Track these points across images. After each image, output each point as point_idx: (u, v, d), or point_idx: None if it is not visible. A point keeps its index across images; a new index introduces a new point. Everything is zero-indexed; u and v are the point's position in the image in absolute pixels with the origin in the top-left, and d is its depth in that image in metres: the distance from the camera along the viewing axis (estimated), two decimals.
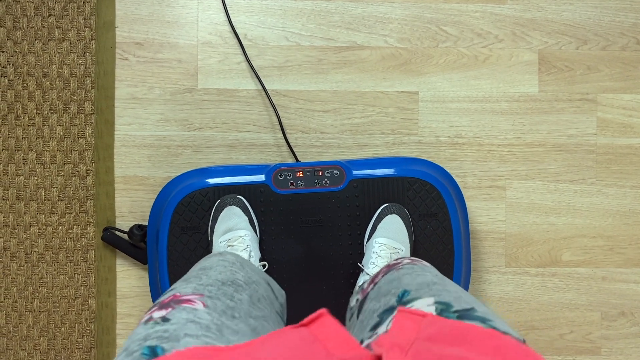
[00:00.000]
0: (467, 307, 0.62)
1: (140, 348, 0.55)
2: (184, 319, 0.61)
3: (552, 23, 1.36)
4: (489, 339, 0.52)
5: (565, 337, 1.37)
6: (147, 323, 0.61)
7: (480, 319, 0.59)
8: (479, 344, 0.50)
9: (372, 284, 0.87)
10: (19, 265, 1.29)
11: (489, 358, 0.48)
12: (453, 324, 0.56)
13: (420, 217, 1.19)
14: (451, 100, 1.34)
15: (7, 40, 1.28)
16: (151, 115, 1.30)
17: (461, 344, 0.50)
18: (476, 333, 0.53)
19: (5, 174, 1.28)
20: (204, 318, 0.62)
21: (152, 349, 0.55)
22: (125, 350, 0.56)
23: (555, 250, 1.36)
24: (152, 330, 0.59)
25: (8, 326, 1.29)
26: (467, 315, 0.60)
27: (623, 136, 1.37)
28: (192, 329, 0.59)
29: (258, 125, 1.32)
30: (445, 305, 0.63)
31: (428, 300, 0.65)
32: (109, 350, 1.30)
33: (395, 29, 1.34)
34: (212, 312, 0.65)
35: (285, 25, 1.32)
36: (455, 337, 0.51)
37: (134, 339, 0.58)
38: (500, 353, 0.49)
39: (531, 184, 1.36)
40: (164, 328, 0.59)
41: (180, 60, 1.31)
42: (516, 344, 0.52)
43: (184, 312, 0.63)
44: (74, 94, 1.28)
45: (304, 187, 1.19)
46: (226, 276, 0.79)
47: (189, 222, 1.17)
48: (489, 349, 0.50)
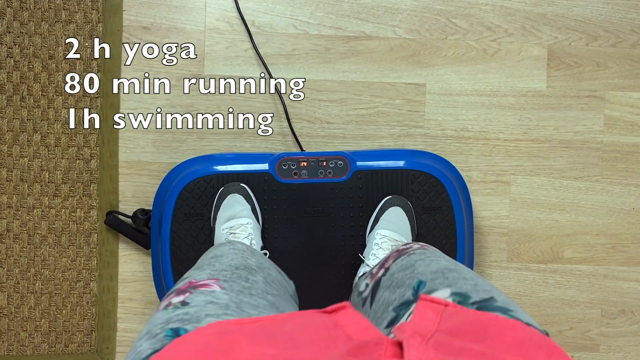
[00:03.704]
0: (485, 297, 0.61)
1: (162, 331, 0.56)
2: (203, 301, 0.61)
3: (562, 18, 1.35)
4: (511, 332, 0.51)
5: (565, 333, 1.37)
6: (166, 308, 0.62)
7: (501, 309, 0.58)
8: (501, 339, 0.50)
9: (382, 269, 0.86)
10: (22, 247, 1.29)
11: (510, 354, 0.48)
12: (475, 316, 0.55)
13: (424, 210, 1.19)
14: (458, 93, 1.33)
15: (13, 21, 1.27)
16: (157, 101, 1.30)
17: (482, 339, 0.50)
18: (498, 326, 0.52)
19: (9, 155, 1.28)
20: (222, 298, 0.63)
21: (175, 331, 0.55)
22: (147, 333, 0.57)
23: (558, 247, 1.36)
24: (173, 314, 0.59)
25: (10, 307, 1.29)
26: (487, 306, 0.59)
27: (630, 134, 1.36)
28: (212, 309, 0.59)
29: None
30: (462, 297, 0.62)
31: (444, 292, 0.64)
32: (109, 333, 1.31)
33: (405, 20, 1.32)
34: (229, 292, 0.65)
35: (294, 13, 1.31)
36: (477, 331, 0.51)
37: (155, 323, 0.58)
38: (523, 349, 0.49)
39: (536, 179, 1.35)
40: (184, 311, 0.59)
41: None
42: (540, 338, 0.51)
43: (202, 295, 0.64)
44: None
45: (308, 177, 1.19)
46: (238, 262, 0.80)
47: (192, 208, 1.17)
48: (511, 345, 0.49)
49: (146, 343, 0.54)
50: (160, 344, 0.53)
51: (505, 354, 0.48)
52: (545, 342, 0.50)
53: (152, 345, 0.53)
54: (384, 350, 0.44)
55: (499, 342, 0.50)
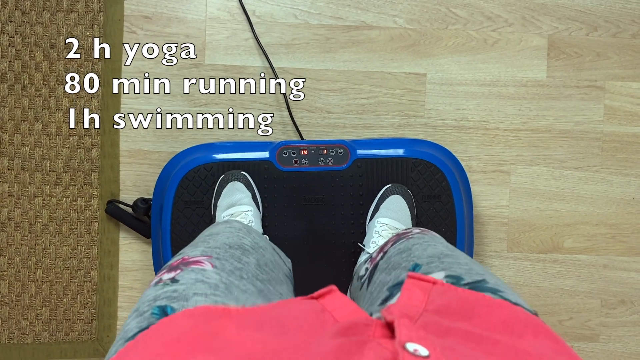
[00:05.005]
0: (477, 279, 0.62)
1: (150, 308, 0.56)
2: (193, 279, 0.62)
3: (562, 8, 1.35)
4: (498, 310, 0.51)
5: (565, 323, 1.37)
6: (156, 285, 0.62)
7: (491, 290, 0.59)
8: (487, 318, 0.50)
9: (381, 252, 0.86)
10: (23, 235, 1.29)
11: (497, 332, 0.48)
12: (462, 295, 0.55)
13: (424, 198, 1.19)
14: (459, 83, 1.34)
15: (15, 10, 1.27)
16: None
17: (469, 318, 0.50)
18: (485, 305, 0.52)
19: (10, 144, 1.28)
20: (212, 278, 0.63)
21: (162, 309, 0.55)
22: (135, 311, 0.57)
23: (558, 237, 1.36)
24: (162, 291, 0.59)
25: (11, 295, 1.30)
26: (477, 287, 0.60)
27: (630, 124, 1.36)
28: (201, 288, 0.60)
29: (264, 103, 1.31)
30: (455, 279, 0.62)
31: (438, 275, 0.65)
32: (110, 322, 1.31)
33: (405, 10, 1.33)
34: (220, 272, 0.65)
35: (295, 3, 1.31)
36: (464, 310, 0.51)
37: (143, 300, 0.59)
38: (508, 327, 0.49)
39: (536, 169, 1.35)
40: (173, 288, 0.59)
41: (188, 35, 1.30)
42: (526, 316, 0.51)
43: (193, 272, 0.64)
44: (81, 65, 1.28)
45: (308, 165, 1.19)
46: (233, 240, 0.79)
47: (192, 196, 1.18)
48: (497, 323, 0.49)
49: (133, 321, 0.55)
50: (147, 322, 0.53)
51: (491, 332, 0.48)
52: (531, 320, 0.50)
53: (139, 324, 0.54)
54: (372, 330, 0.44)
55: (486, 320, 0.50)
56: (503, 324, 0.49)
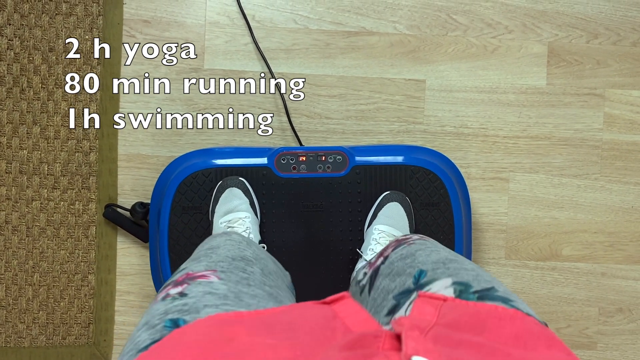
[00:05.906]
0: (487, 287, 0.61)
1: (161, 321, 0.55)
2: (202, 292, 0.61)
3: (563, 16, 1.34)
4: (510, 323, 0.51)
5: (562, 331, 1.37)
6: (164, 299, 0.61)
7: (501, 299, 0.58)
8: (500, 331, 0.50)
9: (381, 257, 0.85)
10: (20, 238, 1.29)
11: (510, 346, 0.48)
12: (474, 309, 0.55)
13: (422, 206, 1.19)
14: (458, 89, 1.33)
15: (14, 13, 1.27)
16: (157, 101, 1.30)
17: (481, 331, 0.50)
18: (497, 318, 0.52)
19: (8, 147, 1.28)
20: (220, 289, 0.62)
21: (174, 322, 0.55)
22: (145, 324, 0.56)
23: (556, 245, 1.36)
24: (172, 305, 0.59)
25: (8, 299, 1.30)
26: (488, 296, 0.59)
27: (629, 132, 1.36)
28: (211, 300, 0.59)
29: (263, 108, 1.31)
30: (464, 286, 0.62)
31: (446, 282, 0.64)
32: (107, 326, 1.31)
33: (405, 16, 1.32)
34: (227, 283, 0.65)
35: (294, 8, 1.31)
36: (476, 324, 0.51)
37: (153, 314, 0.58)
38: (521, 340, 0.49)
39: (535, 177, 1.35)
40: (183, 302, 0.59)
41: (187, 40, 1.30)
42: (539, 328, 0.51)
43: (200, 286, 0.63)
44: (80, 69, 1.28)
45: (306, 172, 1.19)
46: (235, 253, 0.79)
47: (190, 201, 1.17)
48: (509, 336, 0.49)
49: (145, 333, 0.54)
50: (160, 335, 0.53)
51: (504, 345, 0.48)
52: (544, 333, 0.50)
53: (151, 336, 0.53)
54: (382, 342, 0.44)
55: (498, 333, 0.50)
56: (515, 337, 0.49)
